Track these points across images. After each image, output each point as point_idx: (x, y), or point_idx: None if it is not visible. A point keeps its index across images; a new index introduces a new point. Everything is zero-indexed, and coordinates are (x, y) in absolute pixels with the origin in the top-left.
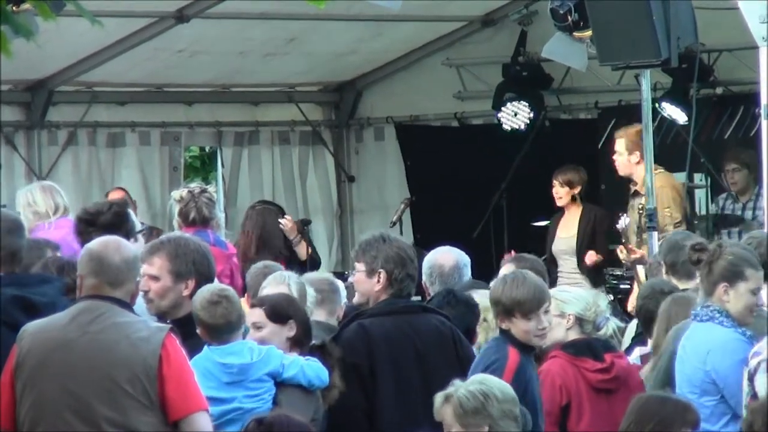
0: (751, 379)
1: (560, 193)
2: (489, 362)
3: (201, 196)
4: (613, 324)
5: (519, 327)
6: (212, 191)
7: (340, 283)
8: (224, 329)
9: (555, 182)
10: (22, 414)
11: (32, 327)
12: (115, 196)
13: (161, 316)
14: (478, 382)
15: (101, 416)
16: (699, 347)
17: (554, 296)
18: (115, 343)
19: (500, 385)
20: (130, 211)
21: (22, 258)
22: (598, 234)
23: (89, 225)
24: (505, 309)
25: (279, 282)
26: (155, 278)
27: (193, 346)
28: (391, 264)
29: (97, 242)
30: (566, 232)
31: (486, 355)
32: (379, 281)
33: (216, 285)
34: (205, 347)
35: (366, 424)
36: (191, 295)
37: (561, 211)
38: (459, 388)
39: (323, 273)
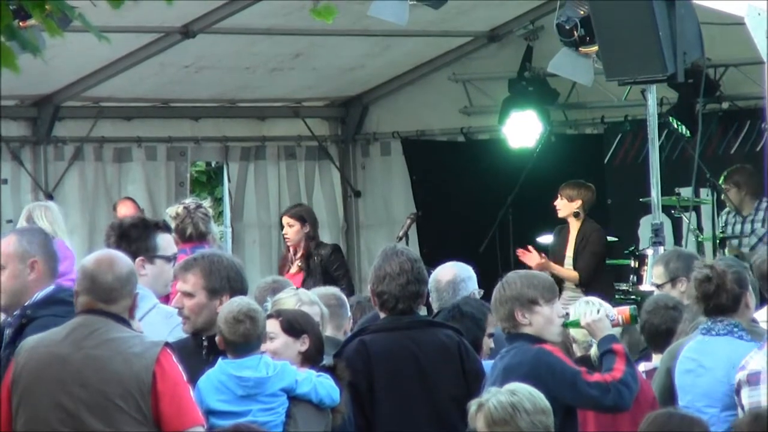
0: (737, 393)
1: (559, 205)
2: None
3: (197, 211)
4: (594, 350)
5: (544, 314)
6: (207, 206)
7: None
8: (242, 347)
9: (559, 195)
10: (17, 429)
11: (30, 342)
12: (124, 206)
13: (196, 334)
14: (509, 392)
15: None
16: (722, 361)
17: None
18: (108, 360)
19: (531, 396)
20: (158, 233)
21: None
22: (587, 252)
23: (111, 229)
24: (529, 300)
25: (313, 303)
26: (189, 295)
27: None
28: (373, 283)
29: (91, 259)
30: (568, 250)
31: (521, 364)
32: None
33: (245, 302)
34: (219, 360)
35: None
36: None
37: (564, 227)
38: (491, 396)
39: (330, 288)
